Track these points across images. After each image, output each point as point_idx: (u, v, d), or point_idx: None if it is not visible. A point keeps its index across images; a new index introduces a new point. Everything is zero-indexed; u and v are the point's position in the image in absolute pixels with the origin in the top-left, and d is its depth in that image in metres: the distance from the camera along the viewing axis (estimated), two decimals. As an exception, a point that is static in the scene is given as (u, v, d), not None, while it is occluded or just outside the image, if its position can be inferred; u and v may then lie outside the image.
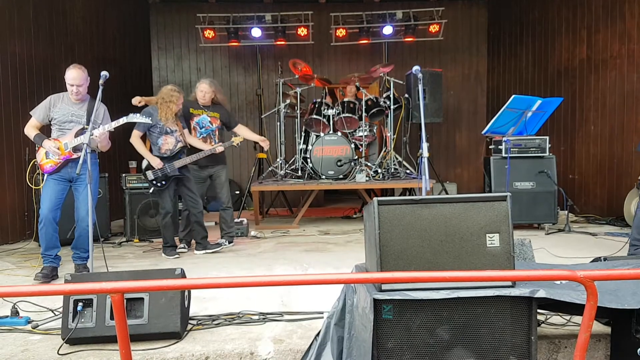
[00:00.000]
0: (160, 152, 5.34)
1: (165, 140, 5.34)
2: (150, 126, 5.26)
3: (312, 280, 2.02)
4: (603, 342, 2.96)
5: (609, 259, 3.16)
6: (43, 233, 4.47)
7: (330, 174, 7.28)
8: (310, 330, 3.08)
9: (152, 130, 5.30)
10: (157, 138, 5.33)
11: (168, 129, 5.34)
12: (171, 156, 5.34)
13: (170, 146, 5.36)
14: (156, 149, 5.35)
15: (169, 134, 5.35)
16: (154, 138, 5.34)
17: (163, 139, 5.34)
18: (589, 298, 1.82)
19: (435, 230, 2.39)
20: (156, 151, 5.34)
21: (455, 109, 10.55)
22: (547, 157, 6.56)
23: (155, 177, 5.31)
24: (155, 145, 5.35)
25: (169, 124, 5.33)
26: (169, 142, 5.35)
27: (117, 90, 7.69)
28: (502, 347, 2.34)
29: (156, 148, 5.35)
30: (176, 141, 5.38)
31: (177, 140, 5.39)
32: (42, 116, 4.54)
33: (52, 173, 4.50)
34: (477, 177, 10.23)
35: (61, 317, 3.00)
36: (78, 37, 7.77)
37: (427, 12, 9.27)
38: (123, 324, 1.80)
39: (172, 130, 5.36)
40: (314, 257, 5.35)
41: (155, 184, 5.34)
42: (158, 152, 5.34)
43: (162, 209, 5.49)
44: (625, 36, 6.93)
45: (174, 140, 5.38)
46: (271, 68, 10.11)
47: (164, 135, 5.33)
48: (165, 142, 5.34)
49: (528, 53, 9.23)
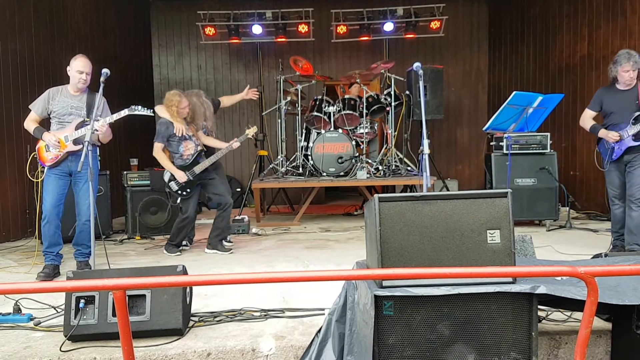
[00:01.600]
0: (183, 159, 5.33)
1: (187, 146, 5.34)
2: (169, 135, 5.25)
3: (313, 277, 2.03)
4: (604, 338, 2.97)
5: (610, 255, 3.17)
6: (46, 230, 4.48)
7: (331, 171, 7.29)
8: (312, 326, 3.09)
9: (171, 139, 5.28)
10: (178, 146, 5.31)
11: (186, 135, 5.34)
12: (190, 163, 5.33)
13: (192, 151, 5.35)
14: (178, 157, 5.33)
15: (187, 139, 5.35)
16: (175, 146, 5.31)
17: (184, 146, 5.32)
18: (589, 294, 1.83)
19: (436, 227, 2.39)
20: (178, 158, 5.32)
21: (456, 105, 10.55)
22: (548, 154, 6.56)
23: (179, 187, 5.31)
24: (177, 153, 5.33)
25: (186, 129, 5.34)
26: (189, 147, 5.35)
27: (118, 88, 7.70)
28: (503, 343, 2.34)
29: (178, 155, 5.33)
30: (195, 145, 5.39)
31: (196, 144, 5.40)
32: (41, 109, 4.55)
33: (52, 167, 4.50)
34: (478, 173, 10.23)
35: (63, 314, 3.01)
36: (79, 35, 7.77)
37: (428, 8, 9.25)
38: (125, 321, 1.81)
39: (189, 135, 5.37)
40: (315, 254, 5.36)
41: (180, 193, 5.34)
42: (181, 159, 5.32)
43: (183, 214, 5.47)
44: (627, 32, 6.91)
45: (194, 144, 5.38)
46: (272, 65, 10.10)
47: (184, 142, 5.32)
48: (186, 148, 5.33)
49: (529, 49, 9.22)
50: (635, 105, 4.65)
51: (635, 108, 4.64)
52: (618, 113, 4.74)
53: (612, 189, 4.94)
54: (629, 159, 4.70)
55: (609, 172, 4.92)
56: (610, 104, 4.82)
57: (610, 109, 4.82)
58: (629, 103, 4.68)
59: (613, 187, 4.93)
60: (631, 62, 4.60)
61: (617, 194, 4.91)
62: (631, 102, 4.68)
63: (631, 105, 4.67)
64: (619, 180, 4.86)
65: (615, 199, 4.95)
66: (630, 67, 4.61)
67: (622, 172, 4.84)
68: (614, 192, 4.94)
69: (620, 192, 4.89)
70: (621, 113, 4.71)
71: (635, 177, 4.66)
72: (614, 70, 4.72)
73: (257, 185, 7.35)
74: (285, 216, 8.22)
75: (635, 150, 4.66)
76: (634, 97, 4.67)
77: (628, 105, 4.68)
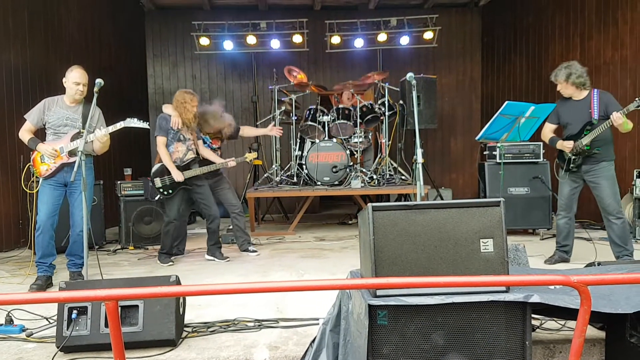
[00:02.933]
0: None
1: (176, 148, 5.31)
2: (166, 131, 5.25)
3: (307, 286, 2.03)
4: (597, 346, 2.97)
5: (603, 264, 3.18)
6: (40, 240, 4.45)
7: (325, 180, 7.29)
8: (306, 336, 3.08)
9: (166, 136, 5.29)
10: (169, 145, 5.29)
11: (182, 136, 5.31)
12: (181, 166, 5.31)
13: (180, 155, 5.32)
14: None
15: (181, 141, 5.32)
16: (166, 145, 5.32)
17: (174, 147, 5.30)
18: (582, 303, 1.83)
19: (430, 236, 2.40)
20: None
21: (449, 115, 10.59)
22: (541, 163, 6.60)
23: (163, 184, 5.29)
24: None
25: (183, 131, 5.31)
26: (179, 150, 5.31)
27: (113, 98, 7.69)
28: (496, 352, 2.34)
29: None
30: (187, 150, 5.34)
31: (189, 149, 5.35)
32: (37, 119, 4.54)
33: (47, 178, 4.49)
34: (472, 182, 10.25)
35: (56, 325, 2.99)
36: (73, 45, 7.77)
37: (421, 19, 9.32)
38: (117, 332, 1.80)
39: (185, 138, 5.34)
40: (310, 263, 5.35)
41: (162, 192, 5.32)
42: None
43: (167, 217, 5.46)
44: (618, 42, 6.98)
45: (185, 148, 5.33)
46: (266, 75, 10.12)
47: (175, 143, 5.29)
48: (175, 150, 5.30)
49: (522, 59, 9.29)
50: (588, 115, 4.65)
51: (588, 117, 4.65)
52: (573, 124, 4.73)
53: (561, 198, 4.92)
54: (587, 169, 4.69)
55: (561, 182, 4.92)
56: (566, 115, 4.82)
57: (566, 120, 4.81)
58: (583, 113, 4.67)
59: (562, 196, 4.90)
60: (557, 77, 4.73)
61: (564, 204, 4.88)
62: (584, 111, 4.67)
63: (584, 115, 4.66)
64: (569, 191, 4.83)
65: (560, 209, 4.92)
66: (560, 81, 4.72)
67: (576, 183, 4.81)
68: (561, 202, 4.91)
69: (566, 203, 4.86)
70: (576, 124, 4.71)
71: (602, 190, 4.62)
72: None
73: (251, 195, 7.35)
74: (279, 225, 8.20)
75: (592, 161, 4.65)
76: (587, 106, 4.67)
77: (581, 115, 4.68)
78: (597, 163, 4.65)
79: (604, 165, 4.66)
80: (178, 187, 5.31)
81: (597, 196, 4.70)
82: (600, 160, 4.65)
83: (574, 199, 4.87)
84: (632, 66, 6.65)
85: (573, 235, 4.98)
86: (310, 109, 7.69)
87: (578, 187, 4.84)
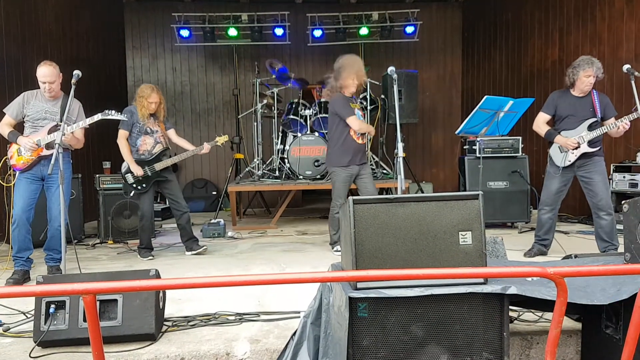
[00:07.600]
0: (138, 153, 5.26)
1: (144, 141, 5.27)
2: (132, 124, 5.20)
3: (288, 279, 2.02)
4: (574, 337, 3.02)
5: (580, 257, 3.23)
6: (16, 234, 4.38)
7: (307, 174, 7.29)
8: (287, 329, 3.08)
9: (133, 129, 5.23)
10: (136, 138, 5.25)
11: (148, 129, 5.27)
12: (152, 159, 5.27)
13: (148, 147, 5.28)
14: (134, 150, 5.26)
15: (148, 134, 5.28)
16: (133, 138, 5.26)
17: (142, 140, 5.26)
18: (559, 294, 1.86)
19: (410, 229, 2.41)
20: (134, 152, 5.25)
21: (430, 109, 10.65)
22: (520, 157, 6.67)
23: (136, 180, 5.24)
24: (134, 147, 5.26)
25: (149, 124, 5.27)
26: (147, 142, 5.28)
27: (91, 90, 7.58)
28: (475, 343, 2.37)
29: (134, 149, 5.26)
30: (155, 142, 5.31)
31: (157, 141, 5.32)
32: (16, 113, 4.46)
33: (23, 171, 4.41)
34: (452, 177, 10.33)
35: (33, 319, 2.95)
36: (50, 37, 7.63)
37: (402, 13, 9.35)
38: (95, 326, 1.78)
39: (152, 130, 5.29)
40: (292, 257, 5.35)
41: (135, 187, 5.27)
42: (136, 154, 5.25)
43: (140, 212, 5.42)
44: (596, 38, 7.08)
45: (153, 141, 5.30)
46: (248, 68, 10.08)
47: (142, 136, 5.26)
48: (143, 143, 5.26)
49: (502, 54, 9.37)
50: (590, 112, 4.69)
51: (590, 115, 4.69)
52: (572, 118, 4.74)
53: (547, 194, 4.89)
54: (581, 164, 4.72)
55: (552, 178, 4.87)
56: (564, 108, 4.81)
57: (564, 113, 4.80)
58: (584, 109, 4.71)
59: (549, 192, 4.88)
60: (594, 67, 4.62)
61: (550, 200, 4.88)
62: (586, 108, 4.70)
63: (586, 112, 4.70)
64: (557, 188, 4.83)
65: (544, 204, 4.92)
66: (593, 73, 4.61)
67: (566, 179, 4.83)
68: (547, 197, 4.89)
69: (553, 199, 4.86)
70: (575, 118, 4.73)
71: (596, 185, 4.65)
72: (575, 74, 4.70)
73: (233, 189, 7.31)
74: (261, 219, 8.19)
75: (587, 156, 4.69)
76: (588, 104, 4.70)
77: (582, 111, 4.71)
78: (590, 158, 4.70)
79: (597, 160, 4.71)
80: (150, 180, 5.27)
81: (590, 191, 4.72)
82: (593, 155, 4.70)
83: (561, 196, 4.88)
84: (609, 62, 6.74)
85: (554, 230, 5.03)
86: (292, 102, 7.67)
87: (568, 184, 4.86)
